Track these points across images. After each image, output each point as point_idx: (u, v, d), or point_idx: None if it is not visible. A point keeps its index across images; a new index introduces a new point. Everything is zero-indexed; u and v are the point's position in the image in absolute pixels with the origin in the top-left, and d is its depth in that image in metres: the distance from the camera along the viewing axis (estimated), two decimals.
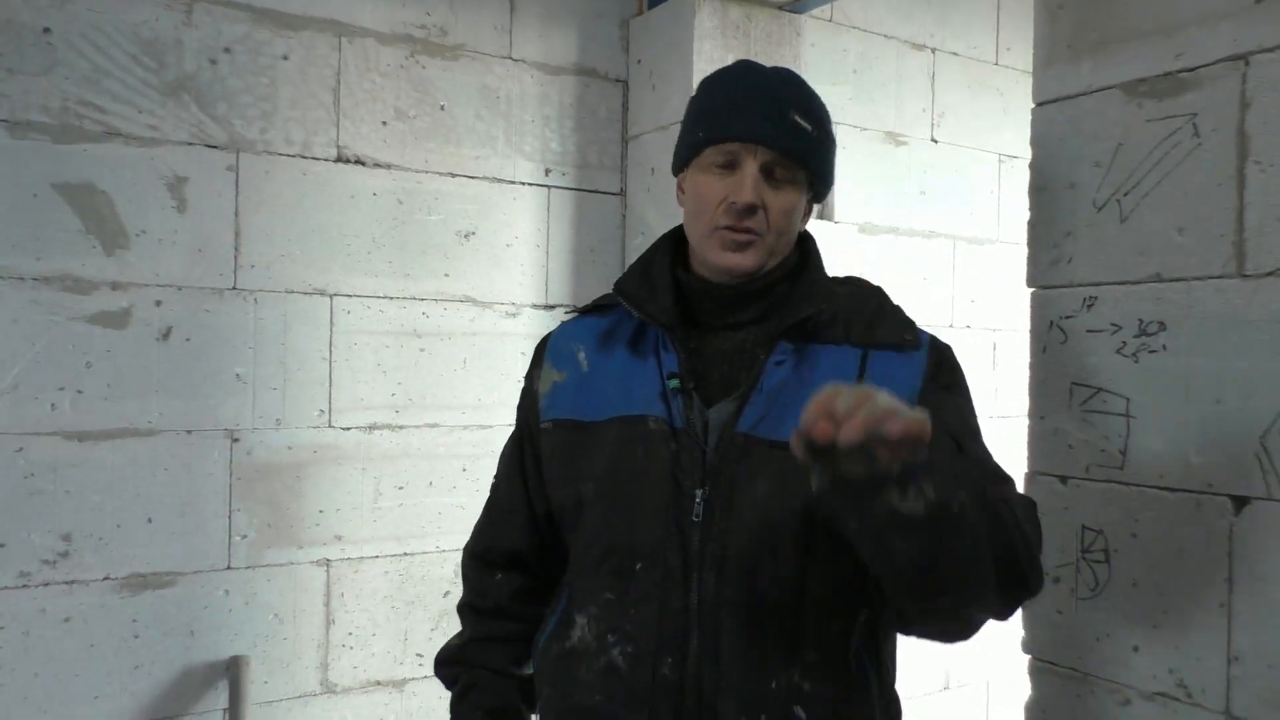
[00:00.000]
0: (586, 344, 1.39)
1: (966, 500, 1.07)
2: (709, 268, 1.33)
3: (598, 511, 1.30)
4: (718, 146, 1.29)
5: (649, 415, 1.28)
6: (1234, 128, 1.40)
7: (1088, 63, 1.58)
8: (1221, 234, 1.41)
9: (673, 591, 1.23)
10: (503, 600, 1.46)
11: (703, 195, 1.30)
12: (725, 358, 1.31)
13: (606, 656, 1.27)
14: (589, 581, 1.31)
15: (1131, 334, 1.51)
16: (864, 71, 3.23)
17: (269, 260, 2.50)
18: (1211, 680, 1.41)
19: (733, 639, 1.22)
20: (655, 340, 1.33)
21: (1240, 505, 1.38)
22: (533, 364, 1.45)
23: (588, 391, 1.35)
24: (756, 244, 1.28)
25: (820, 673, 1.24)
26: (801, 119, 1.29)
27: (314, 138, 2.56)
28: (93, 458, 2.31)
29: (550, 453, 1.37)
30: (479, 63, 2.78)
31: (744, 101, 1.29)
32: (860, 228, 3.22)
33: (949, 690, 3.44)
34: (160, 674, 2.39)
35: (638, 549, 1.26)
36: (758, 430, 1.24)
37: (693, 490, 1.24)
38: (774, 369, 1.27)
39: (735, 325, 1.33)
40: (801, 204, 1.33)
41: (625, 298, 1.35)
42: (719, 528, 1.23)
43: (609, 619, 1.27)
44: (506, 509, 1.47)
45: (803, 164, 1.29)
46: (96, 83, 2.30)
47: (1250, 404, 1.37)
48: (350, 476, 2.62)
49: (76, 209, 2.29)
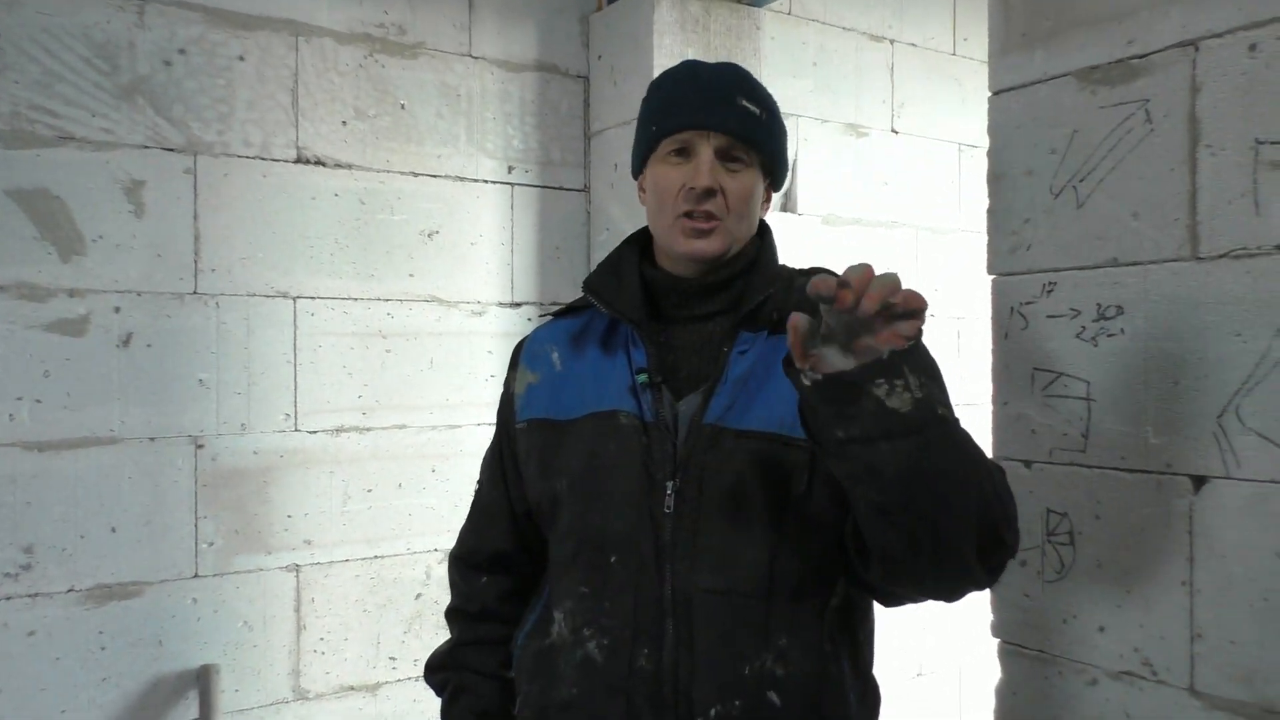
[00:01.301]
0: (559, 345, 1.42)
1: (951, 414, 1.08)
2: (674, 259, 1.36)
3: (572, 507, 1.33)
4: (671, 137, 1.32)
5: (620, 410, 1.31)
6: (1185, 113, 1.42)
7: (1042, 51, 1.59)
8: (1175, 218, 1.43)
9: (646, 582, 1.26)
10: (489, 603, 1.48)
11: (661, 186, 1.33)
12: (693, 350, 1.34)
13: (583, 649, 1.29)
14: (565, 577, 1.34)
15: (1090, 318, 1.53)
16: (824, 64, 3.24)
17: (230, 264, 2.47)
18: (1176, 657, 1.43)
19: (706, 626, 1.24)
20: (625, 337, 1.36)
21: (1199, 484, 1.41)
22: (510, 367, 1.48)
23: (561, 390, 1.38)
24: (718, 229, 1.31)
25: (793, 657, 1.25)
26: (749, 103, 1.33)
27: (273, 139, 2.53)
28: (54, 468, 2.28)
29: (527, 452, 1.39)
30: (439, 60, 2.77)
31: (692, 92, 1.33)
32: (823, 219, 3.24)
33: (922, 677, 3.47)
34: (128, 686, 2.36)
35: (611, 541, 1.28)
36: (725, 420, 1.26)
37: (664, 482, 1.26)
38: (738, 359, 1.30)
39: (701, 317, 1.35)
40: (759, 188, 1.36)
41: (594, 295, 1.38)
42: (689, 516, 1.25)
43: (584, 613, 1.30)
44: (489, 512, 1.49)
45: (755, 146, 1.33)
46: (48, 86, 2.27)
47: (1207, 384, 1.40)
48: (318, 480, 2.60)
49: (31, 215, 2.25)
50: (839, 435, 1.05)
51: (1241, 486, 1.36)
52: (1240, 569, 1.36)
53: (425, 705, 2.73)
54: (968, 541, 1.11)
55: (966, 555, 1.12)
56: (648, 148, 1.36)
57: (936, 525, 1.08)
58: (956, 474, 1.08)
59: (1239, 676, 1.36)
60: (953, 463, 1.07)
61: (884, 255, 3.38)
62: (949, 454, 1.07)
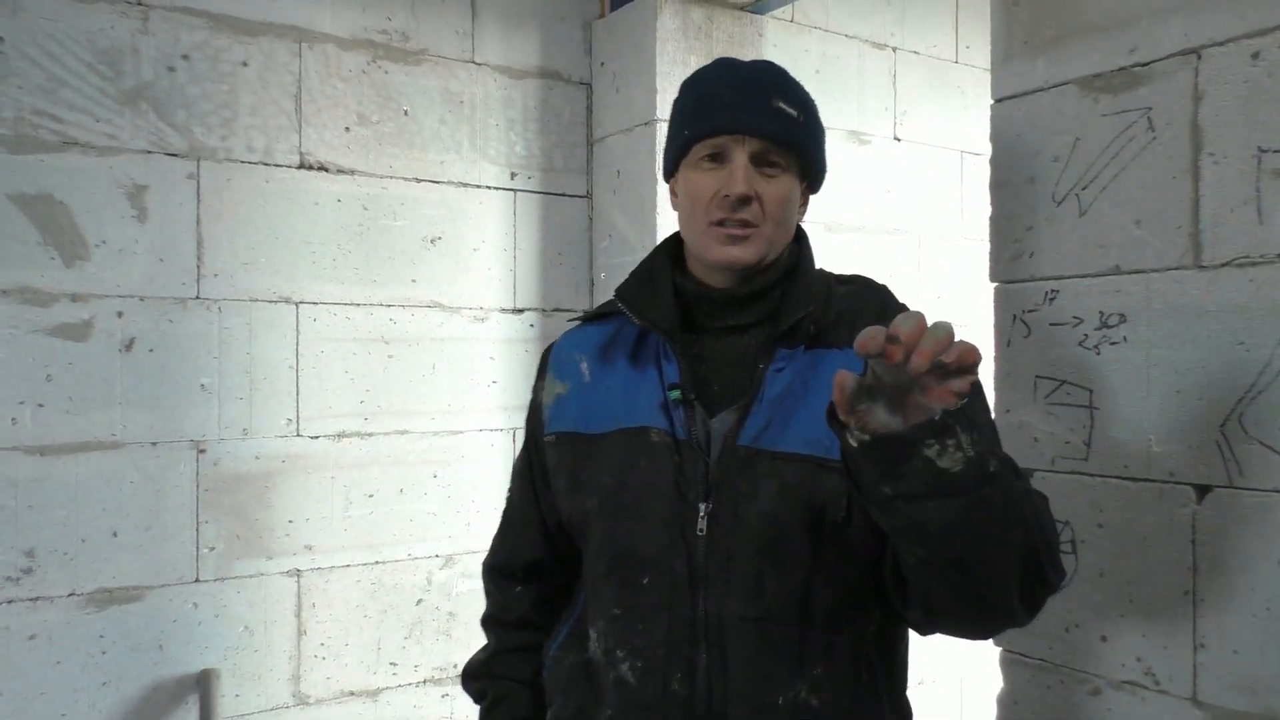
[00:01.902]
0: (588, 354, 1.38)
1: (1001, 466, 1.04)
2: (708, 267, 1.30)
3: (603, 525, 1.29)
4: (704, 141, 1.26)
5: (651, 427, 1.27)
6: (1188, 121, 1.42)
7: (1044, 59, 1.59)
8: (1178, 226, 1.43)
9: (679, 604, 1.22)
10: (525, 612, 1.46)
11: (694, 192, 1.28)
12: (727, 364, 1.29)
13: (616, 671, 1.26)
14: (598, 595, 1.32)
15: (1093, 326, 1.53)
16: (826, 71, 3.24)
17: (232, 269, 2.48)
18: (1178, 667, 1.42)
19: (739, 652, 1.20)
20: (657, 348, 1.31)
21: (1202, 493, 1.40)
22: (538, 375, 1.44)
23: (590, 403, 1.34)
24: (754, 235, 1.26)
25: (828, 687, 1.22)
26: (786, 105, 1.27)
27: (276, 144, 2.53)
28: (55, 472, 2.28)
29: (556, 465, 1.36)
30: (442, 67, 2.77)
31: (726, 94, 1.27)
32: (826, 226, 3.23)
33: (923, 686, 3.46)
34: (129, 690, 2.36)
35: (643, 562, 1.25)
36: (760, 442, 1.22)
37: (696, 503, 1.22)
38: (774, 377, 1.24)
39: (737, 329, 1.30)
40: (796, 192, 1.31)
41: (626, 304, 1.33)
42: (723, 541, 1.21)
43: (616, 634, 1.27)
44: (521, 521, 1.46)
45: (792, 150, 1.27)
46: (52, 92, 2.27)
47: (1210, 393, 1.39)
48: (319, 485, 2.59)
49: (34, 220, 2.25)
50: (886, 492, 1.01)
51: (1245, 496, 1.36)
52: (1243, 578, 1.36)
53: (426, 711, 2.73)
54: (1012, 588, 1.09)
55: (1011, 601, 1.10)
56: (680, 151, 1.31)
57: (982, 577, 1.06)
58: (1005, 527, 1.04)
59: (1242, 686, 1.36)
60: (1002, 516, 1.04)
61: (886, 263, 3.38)
62: (998, 509, 1.03)
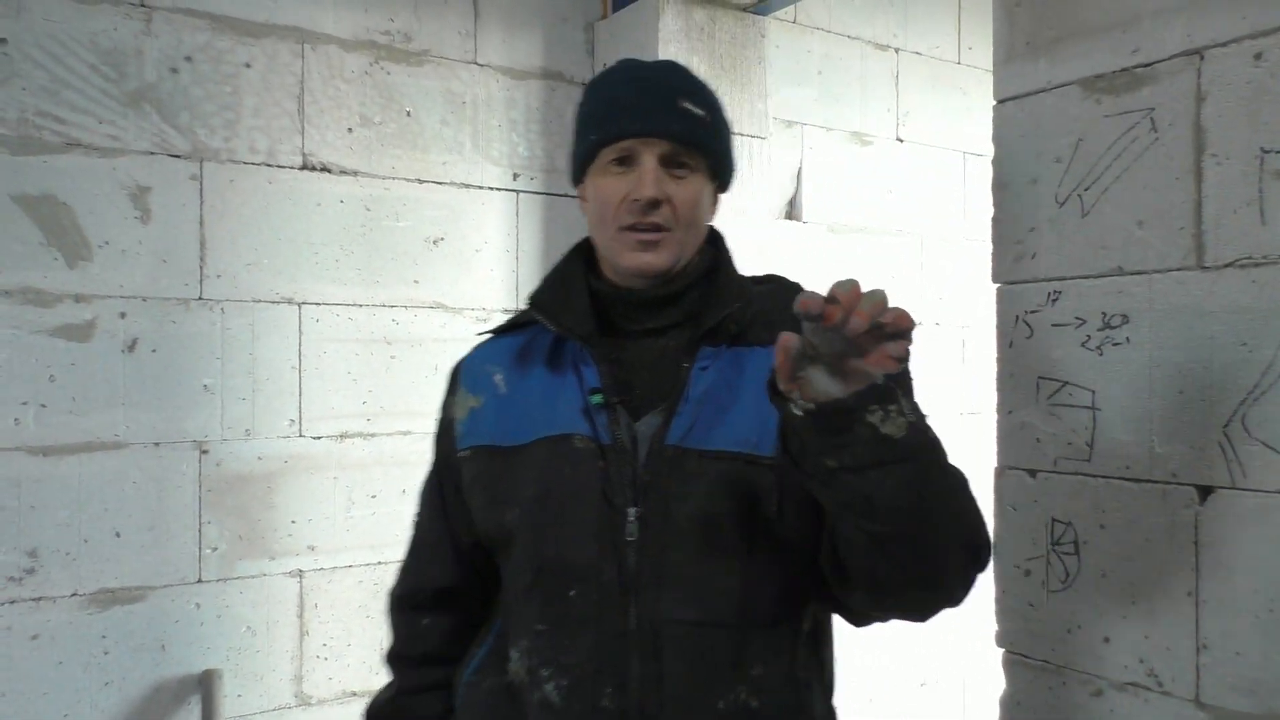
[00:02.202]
0: (503, 365, 1.33)
1: (939, 441, 1.04)
2: (622, 273, 1.28)
3: (526, 537, 1.24)
4: (611, 145, 1.24)
5: (574, 433, 1.23)
6: (1190, 122, 1.42)
7: (1046, 60, 1.59)
8: (1181, 227, 1.43)
9: (609, 615, 1.18)
10: (432, 647, 1.39)
11: (603, 197, 1.26)
12: (648, 367, 1.26)
13: (540, 692, 1.21)
14: (520, 612, 1.26)
15: (1095, 327, 1.53)
16: (829, 72, 3.25)
17: (235, 270, 2.48)
18: (1181, 669, 1.42)
19: (675, 660, 1.17)
20: (573, 354, 1.27)
21: (1205, 494, 1.40)
22: (448, 392, 1.38)
23: (507, 414, 1.29)
24: (666, 240, 1.23)
25: (767, 687, 1.20)
26: (692, 105, 1.25)
27: (279, 145, 2.54)
28: (58, 472, 2.28)
29: (472, 481, 1.30)
30: (444, 68, 2.77)
31: (630, 96, 1.25)
32: (829, 227, 3.24)
33: (926, 687, 3.46)
34: (131, 690, 2.36)
35: (570, 573, 1.20)
36: (688, 441, 1.20)
37: (625, 507, 1.19)
38: (699, 376, 1.23)
39: (655, 331, 1.28)
40: (707, 194, 1.28)
41: (540, 311, 1.30)
42: (655, 544, 1.18)
43: (541, 651, 1.22)
44: (430, 546, 1.40)
45: (701, 150, 1.25)
46: (55, 93, 2.28)
47: (1212, 394, 1.39)
48: (322, 486, 2.60)
49: (37, 221, 2.26)
50: (830, 464, 1.01)
51: (1247, 497, 1.36)
52: (1246, 580, 1.36)
53: None
54: (954, 562, 1.10)
55: (953, 577, 1.11)
56: (587, 156, 1.28)
57: (927, 549, 1.06)
58: (947, 497, 1.06)
59: (1245, 688, 1.35)
60: (944, 486, 1.05)
61: (889, 264, 3.38)
62: (940, 478, 1.05)
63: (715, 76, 2.83)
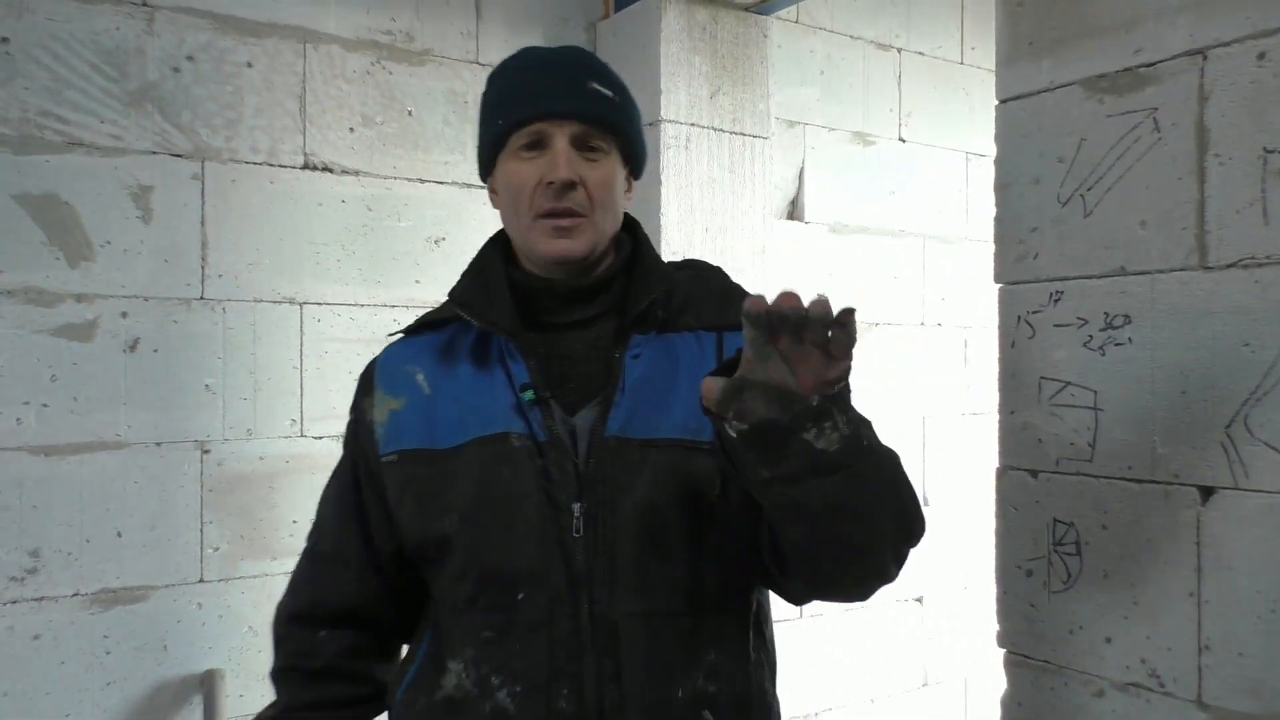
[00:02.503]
0: (424, 364, 1.27)
1: (874, 436, 1.06)
2: (540, 263, 1.24)
3: (466, 544, 1.19)
4: (522, 130, 1.21)
5: (510, 432, 1.19)
6: (1193, 122, 1.42)
7: (1049, 60, 1.59)
8: (1184, 227, 1.42)
9: (560, 616, 1.16)
10: (330, 659, 1.30)
11: (515, 184, 1.22)
12: (579, 359, 1.24)
13: (492, 700, 1.17)
14: (461, 622, 1.21)
15: (1098, 327, 1.52)
16: (831, 72, 3.24)
17: (237, 269, 2.48)
18: (1183, 669, 1.42)
19: (632, 653, 1.16)
20: (500, 349, 1.24)
21: (1207, 495, 1.40)
22: (359, 393, 1.32)
23: (434, 415, 1.24)
24: (583, 225, 1.21)
25: (723, 671, 1.20)
26: (601, 86, 1.23)
27: (280, 145, 2.54)
28: (60, 472, 2.28)
29: (400, 488, 1.24)
30: (446, 68, 2.77)
31: (538, 79, 1.23)
32: (830, 228, 3.23)
33: (927, 687, 3.45)
34: (133, 690, 2.36)
35: (516, 577, 1.17)
36: (628, 431, 1.18)
37: (569, 504, 1.17)
38: (632, 364, 1.21)
39: (582, 323, 1.25)
40: (620, 176, 1.26)
41: (462, 307, 1.25)
42: (603, 539, 1.16)
43: (491, 659, 1.18)
44: (335, 558, 1.32)
45: (612, 131, 1.23)
46: (57, 93, 2.28)
47: (1215, 395, 1.39)
48: (324, 486, 2.59)
49: (39, 220, 2.26)
50: (764, 475, 1.02)
51: (1250, 497, 1.35)
52: (1248, 580, 1.35)
53: None
54: (889, 549, 1.12)
55: (887, 561, 1.13)
56: (495, 143, 1.24)
57: (862, 545, 1.08)
58: (879, 494, 1.07)
59: (1247, 689, 1.35)
60: (876, 484, 1.06)
61: (891, 264, 3.37)
62: (873, 479, 1.05)
63: (717, 76, 2.83)
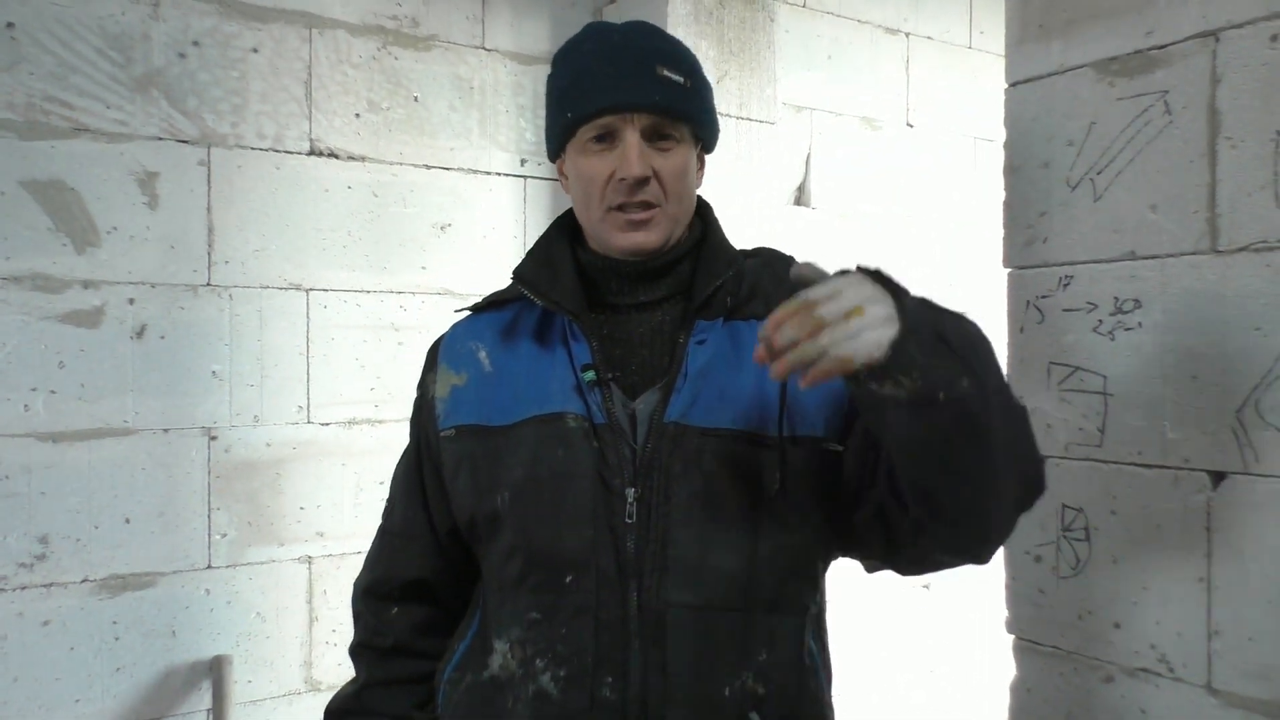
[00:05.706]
0: (487, 342, 1.26)
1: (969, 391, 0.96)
2: (614, 253, 1.22)
3: (516, 523, 1.18)
4: (590, 123, 1.17)
5: (566, 412, 1.17)
6: (1205, 104, 1.40)
7: (1059, 42, 1.58)
8: (1195, 210, 1.41)
9: (608, 602, 1.13)
10: (403, 637, 1.32)
11: (587, 178, 1.19)
12: (642, 342, 1.21)
13: (535, 684, 1.15)
14: (509, 601, 1.20)
15: (1107, 312, 1.51)
16: (838, 57, 3.23)
17: (243, 256, 2.48)
18: (1193, 654, 1.42)
19: (679, 646, 1.13)
20: (563, 330, 1.22)
21: (1217, 480, 1.39)
22: (425, 369, 1.31)
23: (494, 393, 1.22)
24: (657, 217, 1.18)
25: (774, 673, 1.16)
26: (670, 71, 1.18)
27: (286, 131, 2.53)
28: (68, 459, 2.28)
29: (456, 463, 1.23)
30: (452, 53, 2.76)
31: (605, 68, 1.18)
32: (838, 214, 3.22)
33: (936, 673, 3.46)
34: (142, 675, 2.37)
35: (565, 560, 1.15)
36: (688, 418, 1.15)
37: (623, 489, 1.14)
38: (696, 350, 1.18)
39: (647, 305, 1.23)
40: (693, 161, 1.23)
41: (526, 286, 1.23)
42: (656, 527, 1.14)
43: (536, 641, 1.16)
44: (404, 534, 1.33)
45: (684, 119, 1.19)
46: (63, 78, 2.27)
47: (1225, 379, 1.38)
48: (331, 472, 2.60)
49: (45, 207, 2.26)
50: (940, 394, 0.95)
51: (1260, 482, 1.35)
52: (1258, 565, 1.35)
53: None
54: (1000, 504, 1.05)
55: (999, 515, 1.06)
56: (564, 134, 1.21)
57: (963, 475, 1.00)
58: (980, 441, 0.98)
59: (1257, 673, 1.35)
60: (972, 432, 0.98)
61: (898, 249, 3.36)
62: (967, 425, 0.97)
63: (724, 61, 2.81)
